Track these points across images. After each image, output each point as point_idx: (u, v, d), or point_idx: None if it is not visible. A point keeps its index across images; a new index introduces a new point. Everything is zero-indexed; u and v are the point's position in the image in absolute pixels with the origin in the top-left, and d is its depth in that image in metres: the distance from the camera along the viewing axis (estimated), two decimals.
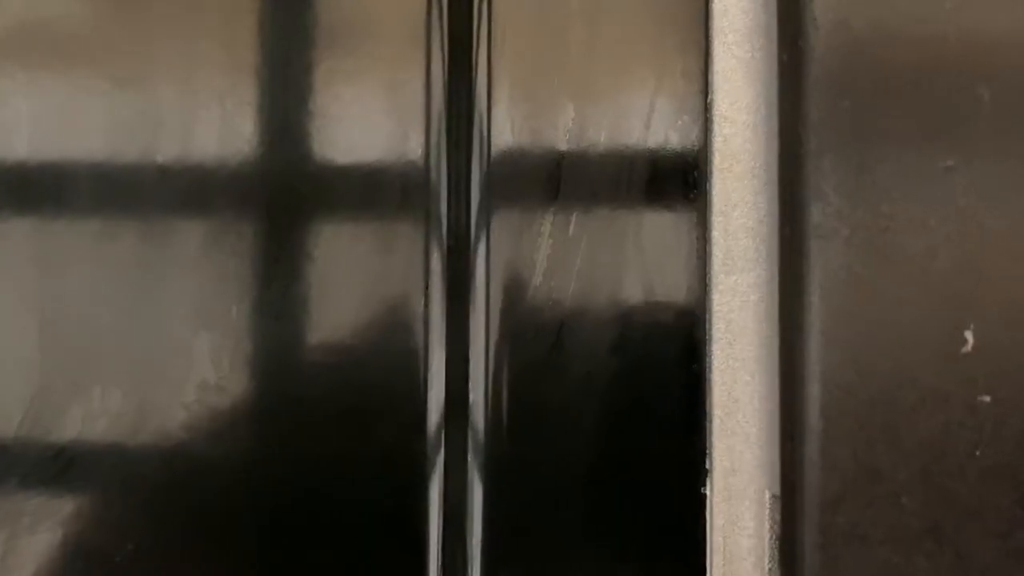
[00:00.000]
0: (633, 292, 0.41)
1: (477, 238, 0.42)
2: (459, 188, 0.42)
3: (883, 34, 0.34)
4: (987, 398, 0.33)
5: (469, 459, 0.42)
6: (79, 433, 0.41)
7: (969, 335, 0.33)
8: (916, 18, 0.34)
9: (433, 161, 0.42)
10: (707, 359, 0.39)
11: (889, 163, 0.33)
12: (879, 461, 0.33)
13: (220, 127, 0.41)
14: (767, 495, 0.37)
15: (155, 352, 0.41)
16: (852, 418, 0.33)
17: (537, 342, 0.41)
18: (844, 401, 0.33)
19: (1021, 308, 0.33)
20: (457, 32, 0.42)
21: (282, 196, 0.42)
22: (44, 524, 0.40)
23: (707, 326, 0.39)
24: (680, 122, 0.41)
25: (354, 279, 0.42)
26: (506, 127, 0.42)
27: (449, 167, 0.42)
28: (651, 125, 0.41)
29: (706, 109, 0.40)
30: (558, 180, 0.41)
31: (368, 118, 0.42)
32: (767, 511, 0.37)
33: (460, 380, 0.42)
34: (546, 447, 0.42)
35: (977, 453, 0.33)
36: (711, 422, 0.38)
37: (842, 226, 0.33)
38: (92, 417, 0.41)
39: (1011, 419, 0.33)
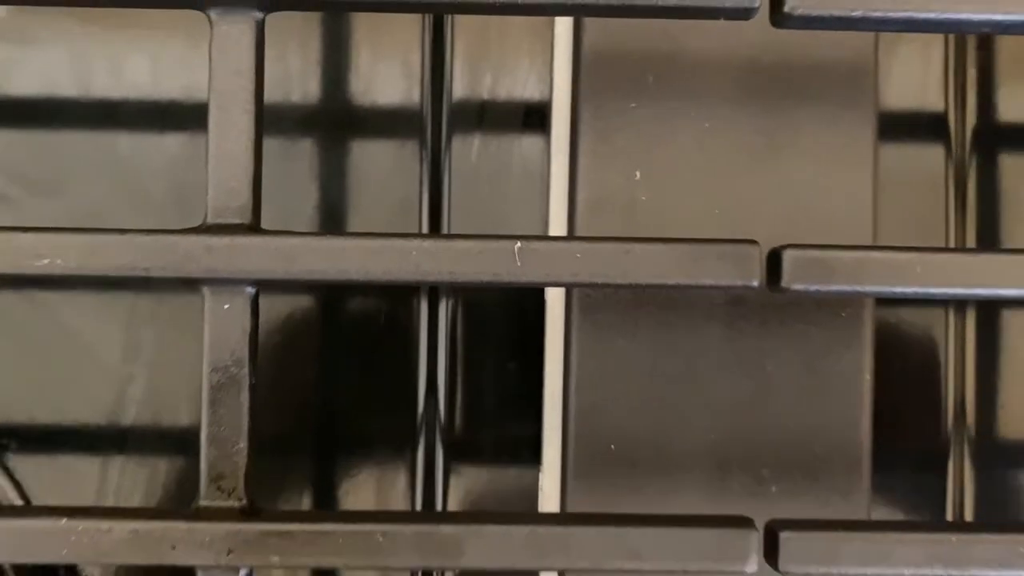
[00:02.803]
0: (518, 184, 0.58)
1: (445, 154, 0.58)
2: (437, 123, 0.57)
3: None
4: None
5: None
6: None
7: (638, 173, 0.54)
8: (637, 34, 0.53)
9: (425, 105, 0.58)
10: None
11: (624, 114, 0.53)
12: None
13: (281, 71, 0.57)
14: None
15: None
16: None
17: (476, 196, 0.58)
18: None
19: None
20: (439, 19, 0.58)
21: (327, 123, 0.58)
22: None
23: (548, 191, 0.56)
24: (542, 77, 0.58)
25: (374, 172, 0.58)
26: (461, 83, 0.58)
27: (433, 109, 0.58)
28: (529, 79, 0.57)
29: (550, 64, 0.56)
30: (483, 118, 0.57)
31: (385, 74, 0.58)
32: None
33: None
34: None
35: None
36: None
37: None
38: None
39: None
